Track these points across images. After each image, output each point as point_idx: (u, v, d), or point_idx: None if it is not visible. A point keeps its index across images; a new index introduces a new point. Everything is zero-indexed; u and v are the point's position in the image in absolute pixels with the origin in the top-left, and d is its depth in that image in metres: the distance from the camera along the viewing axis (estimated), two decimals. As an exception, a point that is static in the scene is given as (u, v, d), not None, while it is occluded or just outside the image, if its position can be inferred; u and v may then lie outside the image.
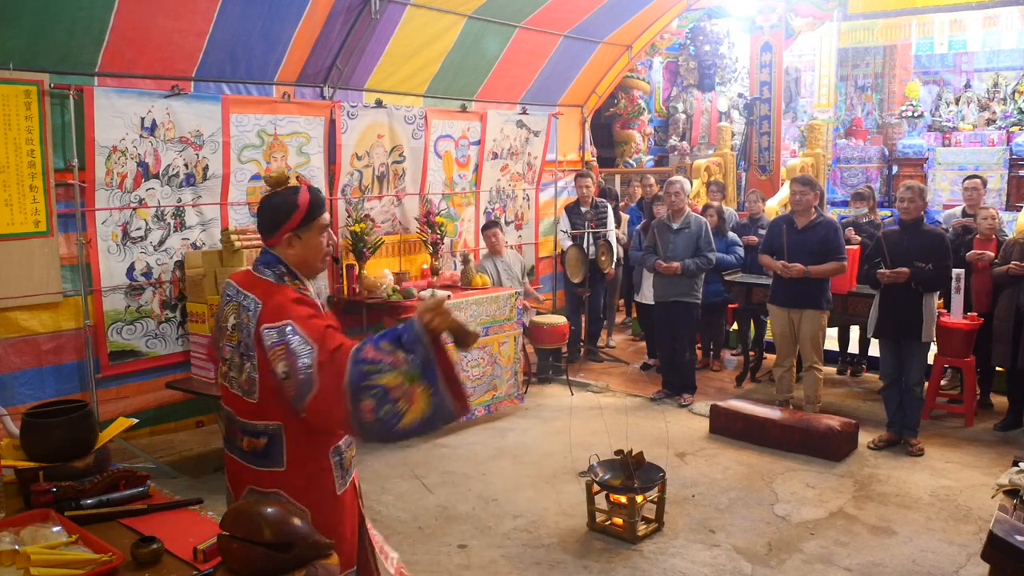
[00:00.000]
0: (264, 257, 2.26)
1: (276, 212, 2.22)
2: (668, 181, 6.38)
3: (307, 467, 2.20)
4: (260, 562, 1.70)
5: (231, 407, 2.24)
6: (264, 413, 2.15)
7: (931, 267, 5.02)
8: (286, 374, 2.04)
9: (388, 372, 1.97)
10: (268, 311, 2.12)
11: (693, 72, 12.19)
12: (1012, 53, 12.26)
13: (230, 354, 2.22)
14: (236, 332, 2.19)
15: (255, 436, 2.18)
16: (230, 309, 2.23)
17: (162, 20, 4.72)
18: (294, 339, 2.05)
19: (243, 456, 2.22)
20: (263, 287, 2.19)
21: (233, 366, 2.21)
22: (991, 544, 2.73)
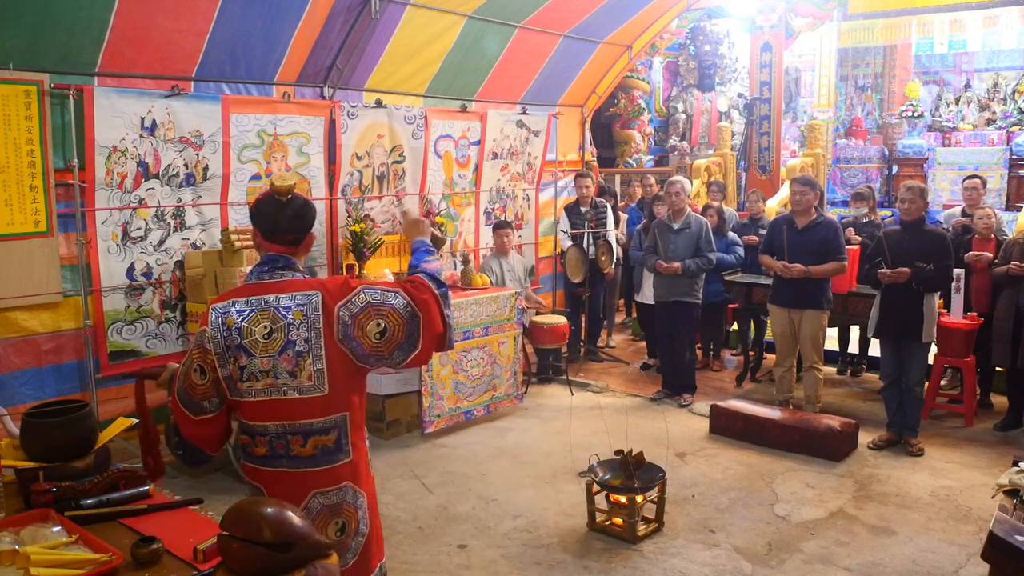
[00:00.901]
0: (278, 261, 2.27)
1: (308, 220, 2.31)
2: (669, 181, 6.38)
3: (362, 451, 2.35)
4: (260, 562, 1.70)
5: (284, 418, 2.20)
6: (333, 406, 2.24)
7: (932, 267, 5.02)
8: (380, 332, 2.20)
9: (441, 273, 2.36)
10: (332, 293, 2.21)
11: (693, 72, 12.19)
12: (1012, 53, 12.27)
13: (271, 364, 2.19)
14: (275, 338, 2.20)
15: (324, 433, 2.23)
16: (256, 320, 2.20)
17: (162, 20, 4.72)
18: (377, 296, 2.21)
19: (304, 463, 2.21)
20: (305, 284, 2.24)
21: (281, 373, 2.20)
22: (991, 544, 2.74)
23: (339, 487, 2.25)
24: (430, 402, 5.50)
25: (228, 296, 2.28)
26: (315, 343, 2.19)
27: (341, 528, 2.26)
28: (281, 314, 2.20)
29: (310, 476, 2.22)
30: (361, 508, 2.31)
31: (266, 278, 2.25)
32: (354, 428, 2.32)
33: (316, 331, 2.19)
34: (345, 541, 2.26)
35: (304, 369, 2.20)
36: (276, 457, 2.22)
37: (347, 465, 2.27)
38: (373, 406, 5.61)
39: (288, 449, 2.22)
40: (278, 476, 2.23)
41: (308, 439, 2.22)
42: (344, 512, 2.27)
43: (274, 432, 2.22)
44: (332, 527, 2.24)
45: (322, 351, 2.20)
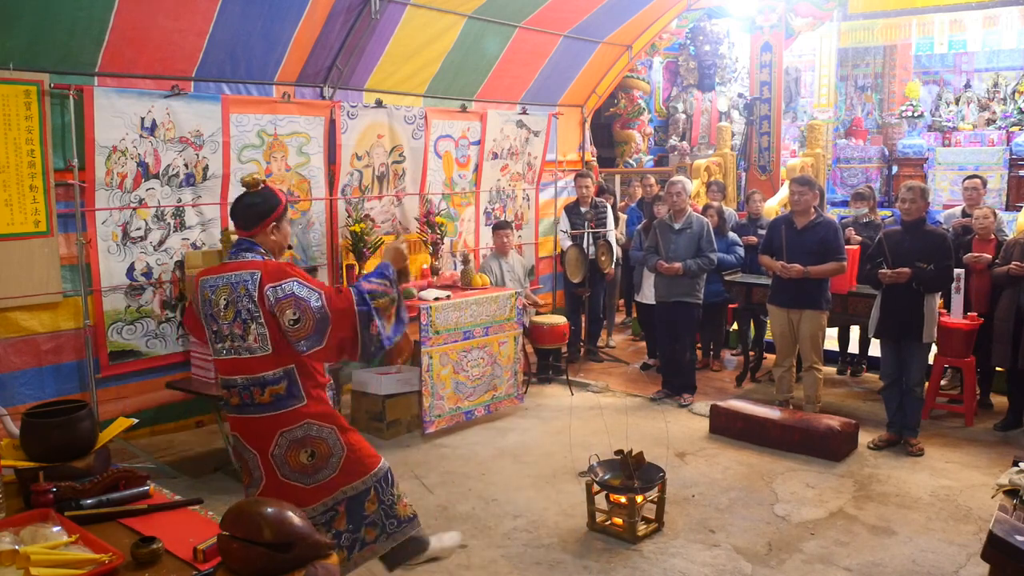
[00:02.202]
0: (242, 244, 2.83)
1: (263, 207, 2.84)
2: (670, 181, 6.38)
3: (318, 396, 2.83)
4: (260, 562, 1.71)
5: (244, 372, 2.75)
6: (278, 360, 2.73)
7: (932, 267, 5.02)
8: (295, 319, 2.64)
9: (381, 298, 2.72)
10: (269, 275, 2.69)
11: (693, 72, 12.19)
12: (1012, 53, 12.27)
13: (228, 330, 2.74)
14: (230, 308, 2.73)
15: (275, 384, 2.75)
16: (218, 293, 2.74)
17: (162, 20, 4.72)
18: (301, 290, 2.67)
19: (266, 408, 2.76)
20: (255, 264, 2.74)
21: (236, 337, 2.74)
22: (991, 544, 2.74)
23: (300, 424, 2.79)
24: (430, 402, 5.50)
25: (205, 272, 2.84)
26: (256, 312, 2.70)
27: (311, 455, 2.83)
28: (234, 287, 2.72)
29: (274, 419, 2.77)
30: (329, 438, 2.85)
31: (232, 258, 2.81)
32: (303, 377, 2.79)
33: (255, 302, 2.69)
34: (317, 463, 2.84)
35: (251, 333, 2.72)
36: (245, 406, 2.79)
37: (303, 408, 2.79)
38: (373, 406, 5.61)
39: (252, 398, 2.77)
40: (248, 421, 2.81)
41: (265, 389, 2.75)
42: (310, 443, 2.82)
43: (241, 384, 2.77)
44: (303, 455, 2.82)
45: (262, 318, 2.70)
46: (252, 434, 2.83)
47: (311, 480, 2.86)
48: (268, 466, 2.84)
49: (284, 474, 2.84)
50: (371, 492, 2.99)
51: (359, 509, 2.96)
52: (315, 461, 2.84)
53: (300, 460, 2.81)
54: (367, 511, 2.98)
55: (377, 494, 3.01)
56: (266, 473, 2.86)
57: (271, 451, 2.81)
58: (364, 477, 2.97)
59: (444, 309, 5.55)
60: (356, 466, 2.95)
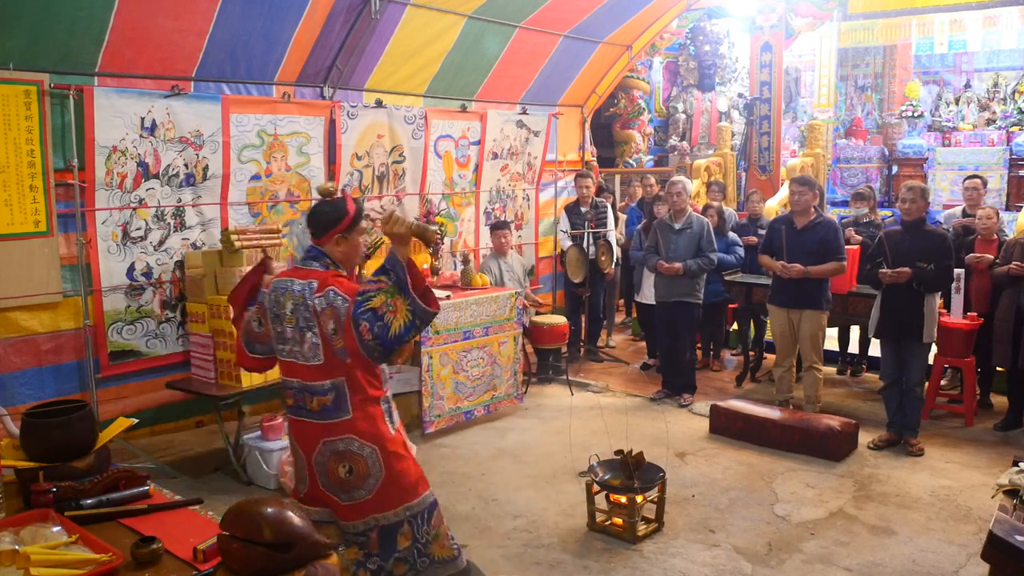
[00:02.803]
0: (312, 252, 2.83)
1: (330, 217, 2.81)
2: (670, 181, 6.38)
3: (367, 412, 2.77)
4: (260, 562, 1.70)
5: (299, 377, 2.78)
6: (329, 372, 2.72)
7: (933, 267, 5.01)
8: (333, 330, 2.65)
9: (374, 296, 2.59)
10: (320, 286, 2.70)
11: (693, 72, 12.19)
12: (1012, 53, 12.27)
13: (291, 334, 2.77)
14: (294, 314, 2.75)
15: (323, 394, 2.74)
16: (286, 298, 2.77)
17: (162, 20, 4.71)
18: (337, 299, 2.65)
19: (314, 415, 2.76)
20: (315, 274, 2.76)
21: (295, 343, 2.77)
22: (991, 544, 2.74)
23: (343, 438, 2.75)
24: (430, 402, 5.50)
25: (283, 274, 2.87)
26: (312, 321, 2.71)
27: (349, 471, 2.76)
28: (295, 295, 2.75)
29: (320, 427, 2.76)
30: (369, 457, 2.76)
31: (301, 264, 2.85)
32: (353, 391, 2.74)
33: (311, 312, 2.70)
34: (354, 481, 2.77)
35: (306, 341, 2.73)
36: (298, 408, 2.81)
37: (348, 422, 2.74)
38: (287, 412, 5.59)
39: (304, 403, 2.78)
40: (299, 424, 2.83)
41: (314, 397, 2.75)
42: (349, 457, 2.76)
43: (296, 387, 2.80)
44: (342, 469, 2.77)
45: (316, 328, 2.70)
46: (301, 437, 2.84)
47: (347, 497, 2.79)
48: (311, 472, 2.82)
49: (323, 483, 2.80)
50: (404, 526, 2.82)
51: (391, 541, 2.82)
52: (352, 478, 2.76)
53: (338, 473, 2.76)
54: (399, 545, 2.83)
55: (411, 529, 2.83)
56: (309, 478, 2.83)
57: (314, 457, 2.80)
58: (397, 508, 2.81)
59: (444, 309, 5.55)
60: (392, 494, 2.80)
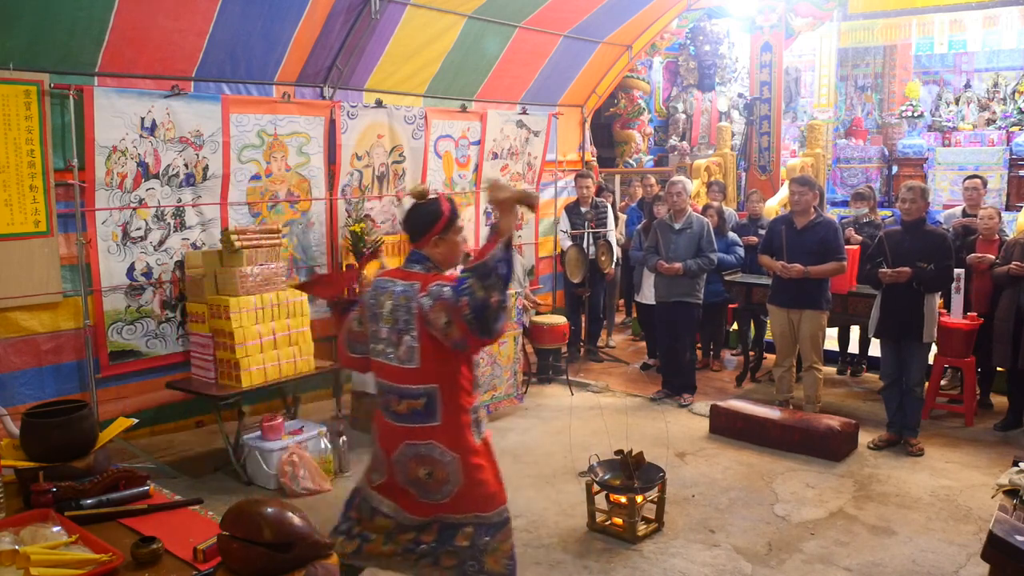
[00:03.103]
0: (413, 256, 2.80)
1: (425, 219, 2.78)
2: (670, 181, 6.38)
3: (456, 420, 2.72)
4: (260, 562, 1.71)
5: (389, 379, 2.76)
6: (423, 377, 2.69)
7: (933, 267, 5.01)
8: (447, 322, 2.56)
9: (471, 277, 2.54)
10: (424, 287, 2.66)
11: (693, 72, 12.19)
12: (1012, 53, 12.26)
13: (387, 334, 2.75)
14: (392, 315, 2.73)
15: (414, 398, 2.70)
16: (385, 297, 2.76)
17: (162, 20, 4.71)
18: (444, 289, 2.59)
19: (400, 418, 2.74)
20: (417, 276, 2.73)
21: (390, 344, 2.74)
22: (991, 544, 2.74)
23: (426, 443, 2.71)
24: (430, 402, 5.49)
25: (384, 274, 2.87)
26: (411, 325, 2.67)
27: (429, 474, 2.73)
28: (396, 296, 2.73)
29: (402, 430, 2.74)
30: (450, 465, 2.72)
31: (403, 267, 2.81)
32: (446, 399, 2.70)
33: (412, 315, 2.67)
34: (432, 484, 2.74)
35: (402, 344, 2.70)
36: (386, 408, 2.79)
37: (435, 428, 2.71)
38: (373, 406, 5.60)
39: (390, 405, 2.76)
40: (383, 422, 2.81)
41: (403, 400, 2.72)
42: (431, 462, 2.72)
43: (385, 387, 2.78)
44: (422, 471, 2.73)
45: (415, 331, 2.67)
46: (383, 434, 2.83)
47: (423, 496, 2.78)
48: (391, 468, 2.81)
49: (401, 480, 2.80)
50: (468, 527, 2.80)
51: (450, 535, 2.80)
52: (431, 481, 2.74)
53: (418, 474, 2.75)
54: (457, 541, 2.79)
55: (474, 532, 2.80)
56: (387, 473, 2.83)
57: (393, 456, 2.79)
58: (467, 514, 2.79)
59: (444, 309, 5.54)
60: (466, 503, 2.77)
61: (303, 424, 5.03)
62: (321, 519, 4.22)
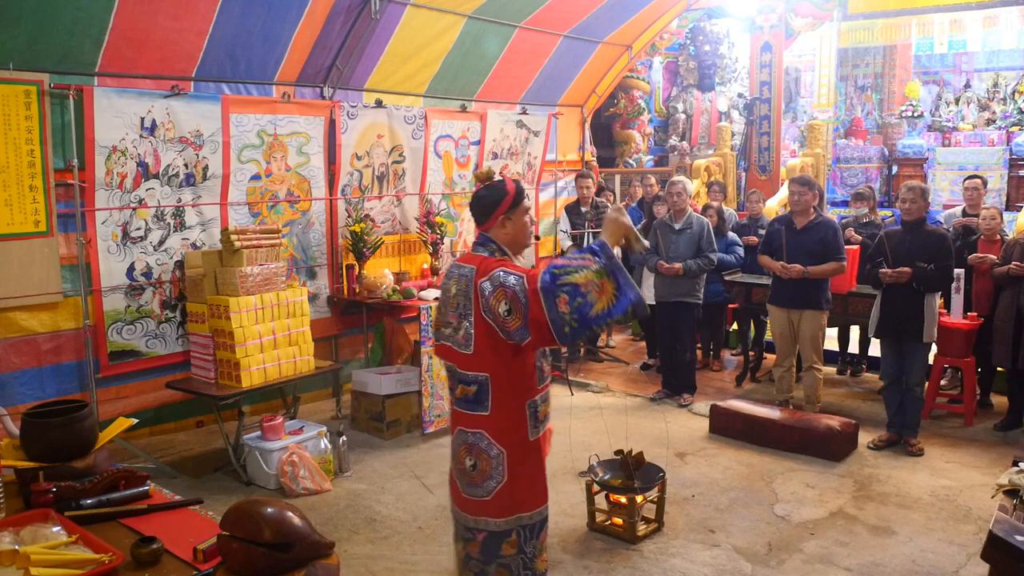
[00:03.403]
0: (480, 239, 2.75)
1: (489, 200, 2.71)
2: (670, 181, 6.38)
3: (507, 413, 2.65)
4: (260, 562, 1.70)
5: (451, 361, 2.73)
6: (477, 364, 2.63)
7: (933, 267, 5.01)
8: (508, 310, 2.50)
9: (578, 272, 2.43)
10: (481, 271, 2.60)
11: (693, 72, 12.19)
12: (1012, 53, 12.27)
13: (451, 317, 2.71)
14: (456, 298, 2.68)
15: (467, 384, 2.67)
16: (452, 281, 2.72)
17: (162, 20, 4.72)
18: (509, 278, 2.52)
19: (457, 403, 2.73)
20: (478, 259, 2.68)
21: (453, 327, 2.69)
22: (991, 544, 2.73)
23: (475, 431, 2.68)
24: (430, 402, 5.50)
25: (459, 259, 2.81)
26: (469, 309, 2.63)
27: (473, 465, 2.69)
28: (459, 280, 2.68)
29: (458, 415, 2.73)
30: (495, 459, 2.66)
31: (471, 251, 2.77)
32: (497, 389, 2.63)
33: (470, 300, 2.62)
34: (475, 477, 2.69)
35: (461, 328, 2.66)
36: (451, 391, 2.79)
37: (484, 418, 2.66)
38: (373, 406, 5.61)
39: (453, 388, 2.76)
40: (452, 409, 2.80)
41: (458, 385, 2.70)
42: (476, 452, 2.68)
43: (449, 370, 2.77)
44: (468, 460, 2.70)
45: (472, 317, 2.62)
46: (451, 416, 2.81)
47: (467, 489, 2.73)
48: (452, 453, 2.81)
49: (453, 467, 2.78)
50: (512, 535, 2.72)
51: (495, 546, 2.72)
52: (474, 474, 2.68)
53: (464, 463, 2.70)
54: (503, 552, 2.73)
55: (518, 540, 2.73)
56: (452, 457, 2.81)
57: (452, 439, 2.80)
58: (509, 517, 2.70)
59: (444, 309, 5.54)
60: (507, 502, 2.69)
61: (303, 424, 5.03)
62: (321, 519, 4.24)
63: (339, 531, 4.15)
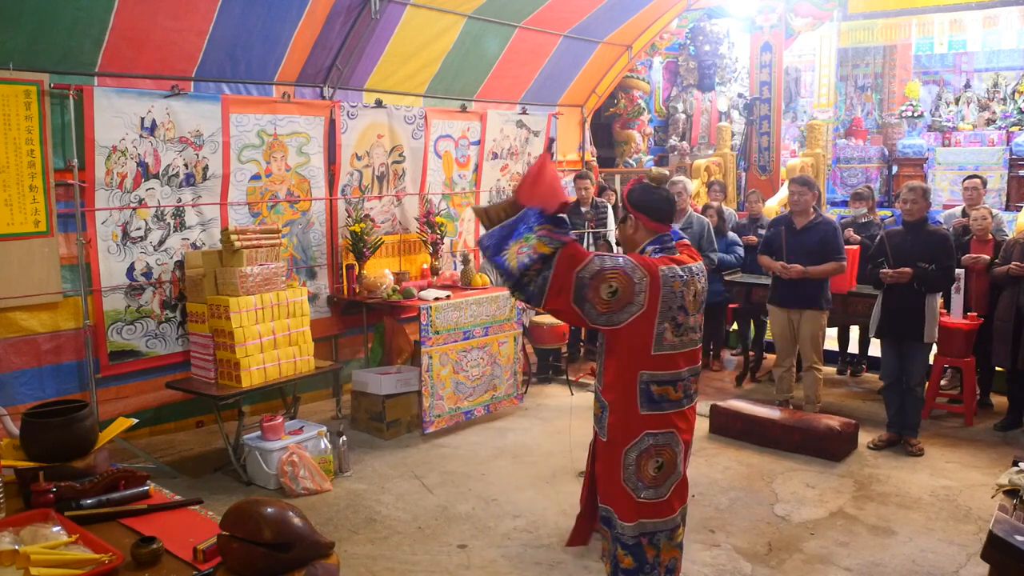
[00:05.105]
0: (674, 235, 2.86)
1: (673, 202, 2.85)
2: (671, 181, 6.37)
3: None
4: (260, 562, 1.70)
5: (698, 362, 2.87)
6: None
7: (934, 268, 5.01)
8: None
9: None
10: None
11: (693, 72, 12.18)
12: (1012, 53, 12.28)
13: (698, 319, 2.84)
14: (700, 296, 2.84)
15: (696, 378, 2.85)
16: (686, 284, 2.75)
17: (162, 20, 4.72)
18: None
19: (686, 402, 2.85)
20: (694, 254, 2.90)
21: (696, 328, 2.83)
22: (991, 544, 2.73)
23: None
24: (430, 402, 5.50)
25: (669, 261, 2.80)
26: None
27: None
28: (697, 279, 2.84)
29: (690, 413, 2.94)
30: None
31: (670, 251, 2.80)
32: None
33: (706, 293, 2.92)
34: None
35: (699, 325, 2.91)
36: (689, 395, 2.88)
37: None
38: (373, 406, 5.61)
39: (690, 389, 2.89)
40: (684, 411, 2.91)
41: (693, 382, 2.90)
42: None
43: (691, 374, 2.88)
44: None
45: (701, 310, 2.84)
46: (674, 420, 2.86)
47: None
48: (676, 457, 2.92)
49: (678, 470, 2.98)
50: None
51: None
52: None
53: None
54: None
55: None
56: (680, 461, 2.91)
57: (669, 442, 2.89)
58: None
59: (444, 309, 5.55)
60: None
61: (303, 424, 5.03)
62: (321, 519, 4.25)
63: (339, 531, 4.15)
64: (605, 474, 2.78)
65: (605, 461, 2.77)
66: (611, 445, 2.72)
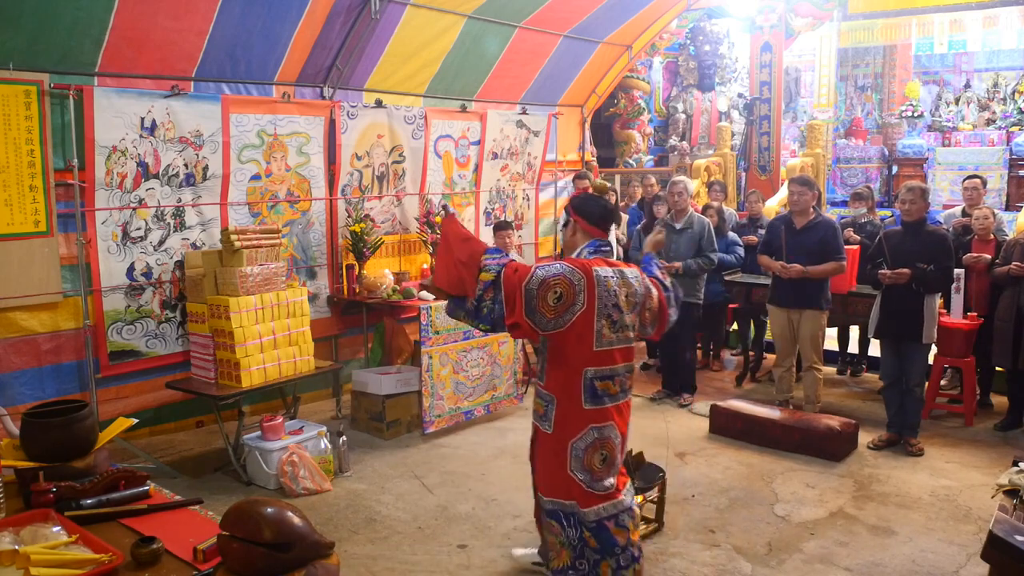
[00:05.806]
0: (604, 244, 3.00)
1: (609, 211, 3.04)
2: (671, 181, 6.37)
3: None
4: (260, 562, 1.70)
5: (630, 359, 2.97)
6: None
7: (933, 268, 5.01)
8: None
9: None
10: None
11: (693, 72, 12.19)
12: (1012, 53, 12.28)
13: (632, 317, 2.93)
14: (632, 297, 2.92)
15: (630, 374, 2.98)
16: (621, 284, 2.88)
17: (162, 20, 4.72)
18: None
19: (622, 397, 2.94)
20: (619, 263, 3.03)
21: (630, 326, 2.93)
22: (991, 544, 2.73)
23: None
24: (430, 402, 5.50)
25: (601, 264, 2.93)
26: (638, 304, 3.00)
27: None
28: (632, 282, 2.95)
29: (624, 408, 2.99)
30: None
31: (595, 258, 2.93)
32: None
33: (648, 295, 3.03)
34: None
35: (632, 323, 2.98)
36: (623, 390, 2.98)
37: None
38: (373, 406, 5.61)
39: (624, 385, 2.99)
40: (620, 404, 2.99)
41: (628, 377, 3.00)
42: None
43: (626, 371, 2.99)
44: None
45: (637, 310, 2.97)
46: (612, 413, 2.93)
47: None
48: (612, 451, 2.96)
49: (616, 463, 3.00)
50: None
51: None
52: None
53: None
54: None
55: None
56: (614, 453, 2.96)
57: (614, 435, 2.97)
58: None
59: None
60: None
61: (303, 424, 5.03)
62: (321, 519, 4.25)
63: (339, 531, 4.15)
64: (551, 468, 2.85)
65: (551, 454, 2.85)
66: (557, 439, 2.81)
